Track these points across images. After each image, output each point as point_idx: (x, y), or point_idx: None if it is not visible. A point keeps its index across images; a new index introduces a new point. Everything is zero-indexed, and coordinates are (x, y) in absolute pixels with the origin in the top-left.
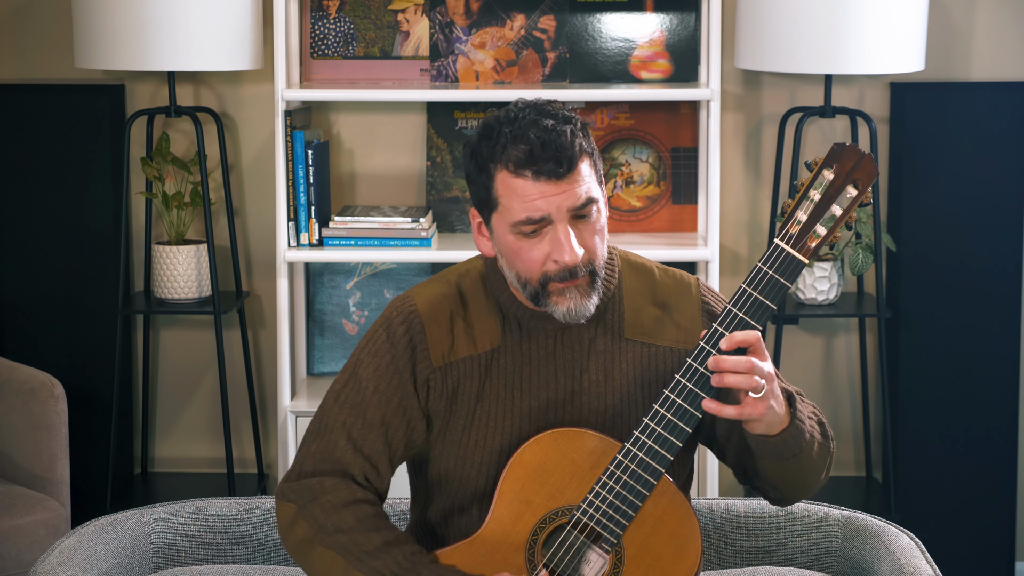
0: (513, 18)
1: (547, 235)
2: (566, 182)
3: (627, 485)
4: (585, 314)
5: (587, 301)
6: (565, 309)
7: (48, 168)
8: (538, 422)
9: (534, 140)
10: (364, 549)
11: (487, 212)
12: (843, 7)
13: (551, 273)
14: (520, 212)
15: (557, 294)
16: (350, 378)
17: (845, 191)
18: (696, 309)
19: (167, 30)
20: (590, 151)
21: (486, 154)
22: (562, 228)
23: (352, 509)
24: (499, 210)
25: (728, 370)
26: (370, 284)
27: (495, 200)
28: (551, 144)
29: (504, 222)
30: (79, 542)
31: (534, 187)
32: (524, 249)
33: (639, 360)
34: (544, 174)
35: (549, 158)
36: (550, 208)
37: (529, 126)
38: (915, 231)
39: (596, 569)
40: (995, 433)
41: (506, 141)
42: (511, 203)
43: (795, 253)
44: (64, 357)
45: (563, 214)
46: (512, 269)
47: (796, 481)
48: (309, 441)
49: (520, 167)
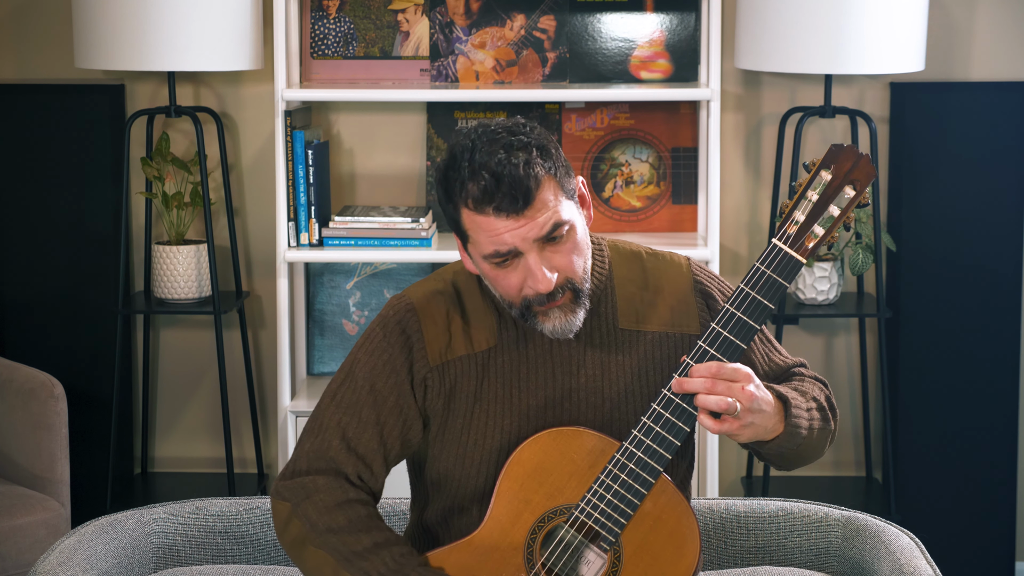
0: (513, 18)
1: (520, 264)
2: (527, 215)
3: (625, 484)
4: (572, 330)
5: (572, 318)
6: (551, 328)
7: (48, 168)
8: (537, 420)
9: (488, 178)
10: (354, 550)
11: (462, 240)
12: (843, 7)
13: (530, 298)
14: (488, 246)
15: (542, 314)
16: (346, 377)
17: (843, 192)
18: (688, 288)
19: (167, 30)
20: (553, 171)
21: (449, 188)
22: (532, 258)
23: (344, 509)
24: (471, 242)
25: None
26: (370, 284)
27: (465, 232)
28: (505, 179)
29: (477, 253)
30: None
31: (497, 223)
32: (500, 277)
33: (635, 349)
34: (504, 210)
35: (505, 195)
36: (515, 240)
37: (484, 159)
38: (915, 231)
39: (594, 568)
40: (995, 433)
41: (464, 177)
42: (478, 237)
43: (793, 253)
44: (64, 357)
45: (530, 244)
46: (496, 290)
47: (794, 461)
48: (304, 439)
49: (479, 204)
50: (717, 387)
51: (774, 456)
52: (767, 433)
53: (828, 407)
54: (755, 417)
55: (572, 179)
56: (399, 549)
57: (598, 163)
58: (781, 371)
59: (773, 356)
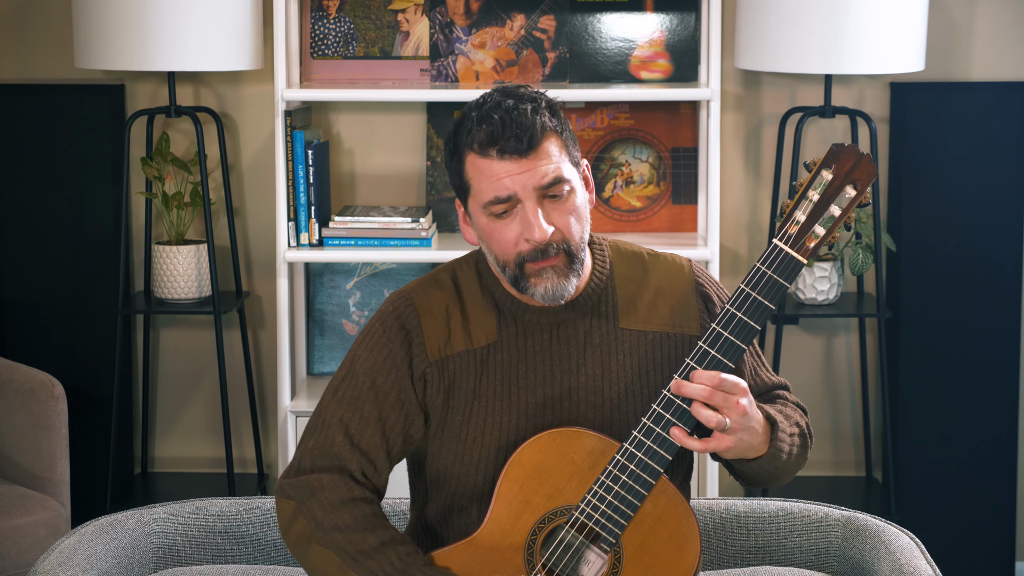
0: (513, 18)
1: (517, 215)
2: (530, 160)
3: (626, 485)
4: (563, 294)
5: (564, 281)
6: (543, 290)
7: (48, 168)
8: (536, 418)
9: (496, 120)
10: (360, 549)
11: (464, 198)
12: (843, 7)
13: (524, 253)
14: (488, 192)
15: (534, 275)
16: (347, 374)
17: (844, 191)
18: (690, 290)
19: (167, 30)
20: (558, 130)
21: (457, 140)
22: (530, 206)
23: (349, 507)
24: (472, 194)
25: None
26: (370, 284)
27: (467, 184)
28: (512, 122)
29: (477, 205)
30: (79, 542)
31: (499, 166)
32: (497, 230)
33: (635, 349)
34: (508, 152)
35: (510, 136)
36: (516, 187)
37: (493, 108)
38: (915, 231)
39: (595, 569)
40: (995, 433)
41: (471, 126)
42: (480, 184)
43: (794, 253)
44: (64, 357)
45: (530, 192)
46: (491, 253)
47: (766, 481)
48: (307, 437)
49: (484, 147)
50: (715, 397)
51: (750, 475)
52: (751, 451)
53: (808, 435)
54: (744, 434)
55: (577, 150)
56: (405, 548)
57: (598, 163)
58: (765, 388)
59: (760, 372)
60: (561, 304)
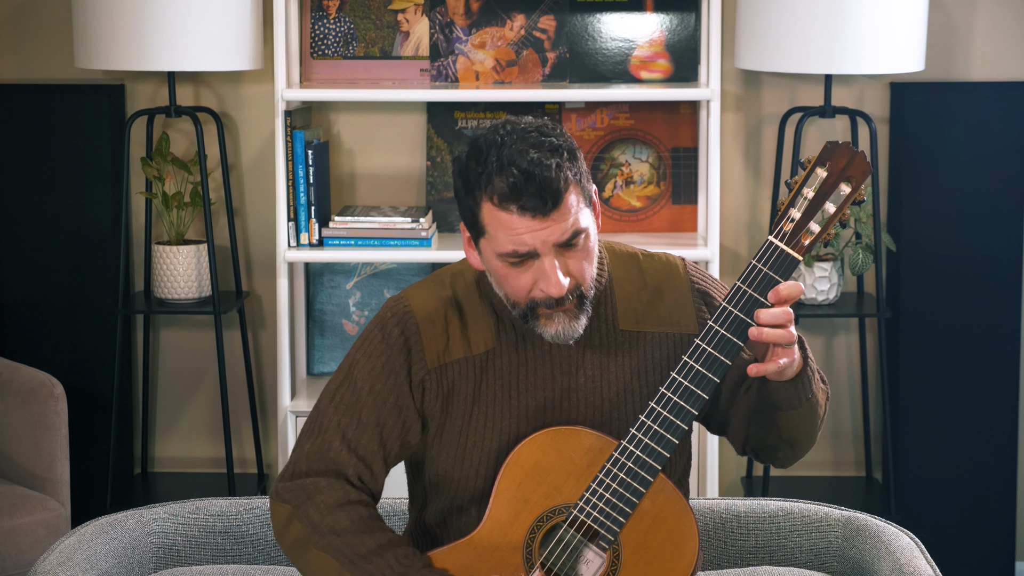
0: (513, 18)
1: (534, 266)
2: (552, 219)
3: (624, 483)
4: (574, 336)
5: (575, 324)
6: (553, 332)
7: (48, 168)
8: (535, 421)
9: (518, 175)
10: (357, 552)
11: (475, 235)
12: (843, 7)
13: (538, 300)
14: (506, 244)
15: (545, 317)
16: (345, 378)
17: (839, 188)
18: (686, 289)
19: (167, 30)
20: (577, 178)
21: (473, 180)
22: (548, 261)
23: (346, 510)
24: (486, 237)
25: (768, 323)
26: (370, 284)
27: (482, 227)
28: (535, 179)
29: (492, 249)
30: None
31: (519, 221)
32: (511, 276)
33: (634, 349)
34: (529, 210)
35: (534, 194)
36: (536, 243)
37: (515, 157)
38: (915, 231)
39: (593, 567)
40: (995, 433)
41: (491, 171)
42: (497, 233)
43: (789, 250)
44: (64, 357)
45: (549, 248)
46: (500, 290)
47: (807, 428)
48: (303, 441)
49: (504, 201)
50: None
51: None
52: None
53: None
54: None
55: (590, 183)
56: (403, 551)
57: (598, 163)
58: None
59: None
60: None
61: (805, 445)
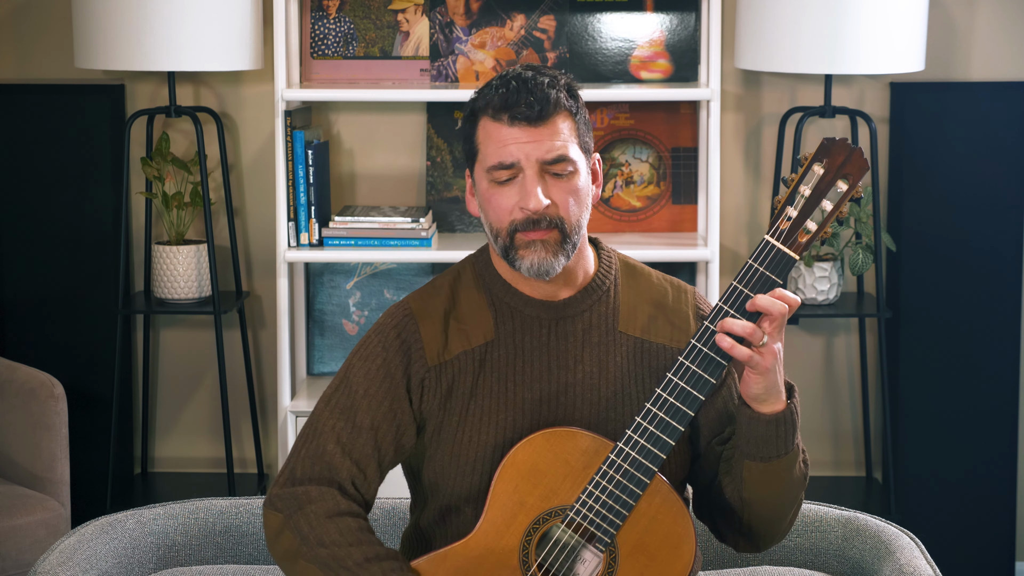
0: (513, 18)
1: (517, 184)
2: (538, 130)
3: (620, 484)
4: (549, 270)
5: (552, 258)
6: (529, 263)
7: (48, 168)
8: (532, 415)
9: (512, 86)
10: (344, 565)
11: (471, 164)
12: (843, 7)
13: (517, 221)
14: (493, 156)
15: (523, 247)
16: (341, 383)
17: (835, 186)
18: (691, 312)
19: (167, 30)
20: (572, 110)
21: (474, 104)
22: (530, 175)
23: (335, 522)
24: (479, 158)
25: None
26: (370, 284)
27: (476, 147)
28: (527, 90)
29: (481, 169)
30: (79, 542)
31: (507, 132)
32: (495, 196)
33: (633, 354)
34: (518, 118)
35: (522, 102)
36: (520, 155)
37: (513, 76)
38: (915, 231)
39: (590, 569)
40: (995, 433)
41: (491, 90)
42: (487, 148)
43: (785, 249)
44: (64, 357)
45: (532, 163)
46: (487, 221)
47: (770, 497)
48: (299, 445)
49: (497, 111)
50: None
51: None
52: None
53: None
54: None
55: (590, 139)
56: (389, 564)
57: None
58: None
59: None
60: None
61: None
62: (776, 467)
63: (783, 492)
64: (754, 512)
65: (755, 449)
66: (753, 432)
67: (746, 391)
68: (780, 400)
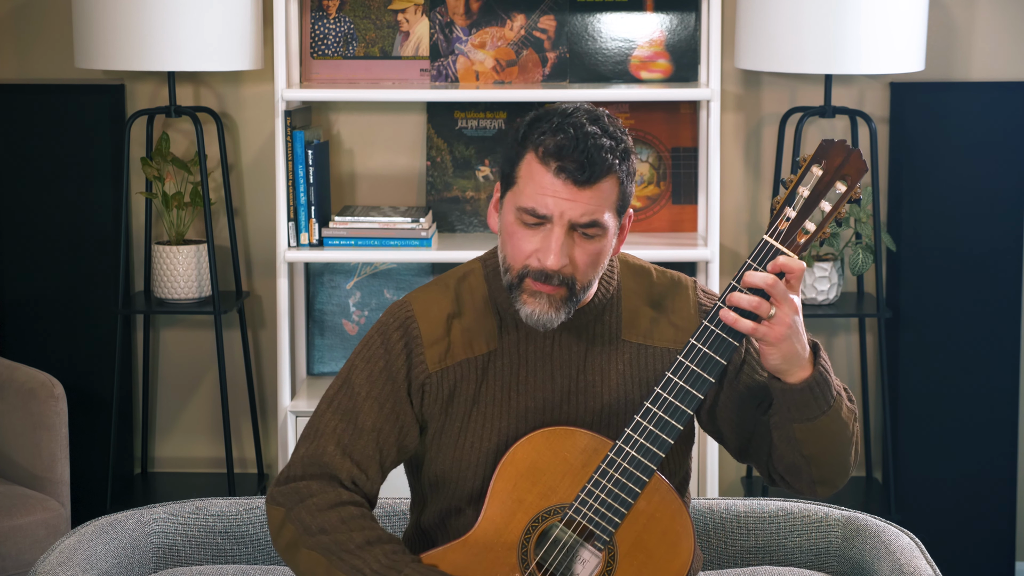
0: (513, 18)
1: (542, 233)
2: (582, 192)
3: (619, 483)
4: (549, 325)
5: (554, 314)
6: (530, 311)
7: (48, 168)
8: (534, 422)
9: (571, 137)
10: (345, 548)
11: (505, 187)
12: (843, 7)
13: (531, 269)
14: (529, 200)
15: (529, 293)
16: (343, 383)
17: (834, 187)
18: (693, 309)
19: (167, 30)
20: (620, 177)
21: (528, 130)
22: (557, 233)
23: (337, 510)
24: (514, 189)
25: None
26: (370, 284)
27: (515, 177)
28: (584, 148)
29: (513, 201)
30: (79, 542)
31: (551, 182)
32: (518, 236)
33: (636, 360)
34: (565, 172)
35: (577, 160)
36: (555, 210)
37: (577, 124)
38: (915, 231)
39: (589, 567)
40: (995, 433)
41: (551, 128)
42: (526, 187)
43: (784, 249)
44: (64, 357)
45: (564, 221)
46: (503, 250)
47: (829, 449)
48: (300, 445)
49: (547, 156)
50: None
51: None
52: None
53: (849, 393)
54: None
55: (629, 203)
56: (391, 547)
57: None
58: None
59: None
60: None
61: (832, 468)
62: (823, 422)
63: (838, 438)
64: (820, 462)
65: (797, 413)
66: (789, 400)
67: (767, 364)
68: (805, 366)
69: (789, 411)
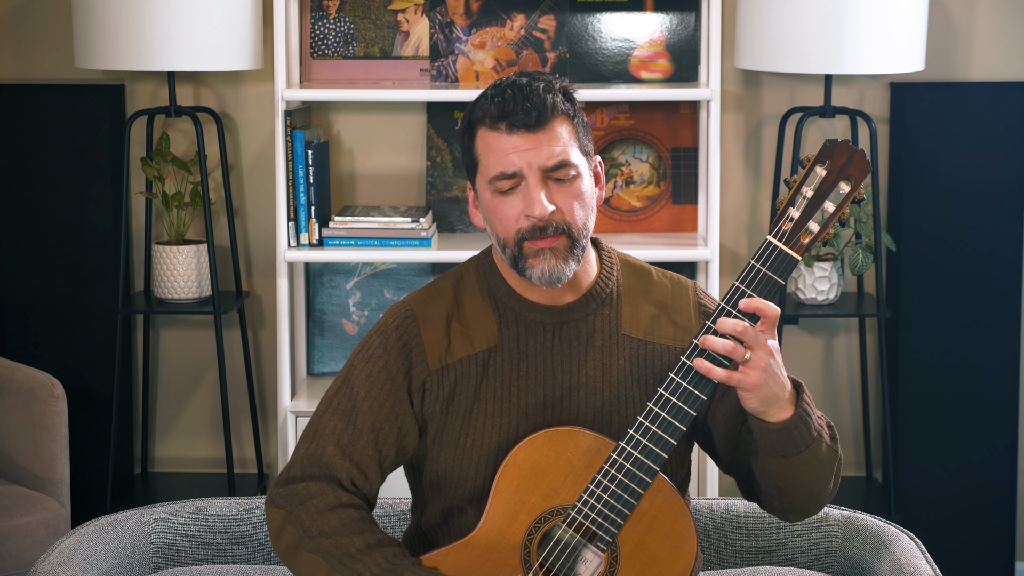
0: (513, 18)
1: (521, 192)
2: (538, 136)
3: (622, 484)
4: (560, 277)
5: (562, 264)
6: (539, 271)
7: (48, 168)
8: (535, 418)
9: (508, 94)
10: (346, 552)
11: (472, 176)
12: (843, 7)
13: (524, 230)
14: (495, 166)
15: (532, 256)
16: (343, 384)
17: (838, 187)
18: (693, 310)
19: (167, 30)
20: (570, 114)
21: (469, 117)
22: (533, 183)
23: (337, 513)
24: (480, 169)
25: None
26: (370, 284)
27: (476, 159)
28: (522, 96)
29: (484, 180)
30: (79, 542)
31: (507, 140)
32: (500, 207)
33: (636, 356)
34: (516, 126)
35: (519, 109)
36: (521, 163)
37: (508, 84)
38: (915, 231)
39: (592, 568)
40: (995, 433)
41: (487, 100)
42: (488, 159)
43: (788, 250)
44: (64, 357)
45: (534, 170)
46: (493, 232)
47: (803, 485)
48: (300, 446)
49: (495, 121)
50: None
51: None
52: (776, 404)
53: (834, 430)
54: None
55: (590, 142)
56: (392, 550)
57: None
58: None
59: None
60: (564, 304)
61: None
62: (800, 460)
63: (815, 475)
64: (793, 495)
65: (774, 449)
66: (766, 438)
67: (745, 406)
68: (786, 407)
69: (766, 446)
